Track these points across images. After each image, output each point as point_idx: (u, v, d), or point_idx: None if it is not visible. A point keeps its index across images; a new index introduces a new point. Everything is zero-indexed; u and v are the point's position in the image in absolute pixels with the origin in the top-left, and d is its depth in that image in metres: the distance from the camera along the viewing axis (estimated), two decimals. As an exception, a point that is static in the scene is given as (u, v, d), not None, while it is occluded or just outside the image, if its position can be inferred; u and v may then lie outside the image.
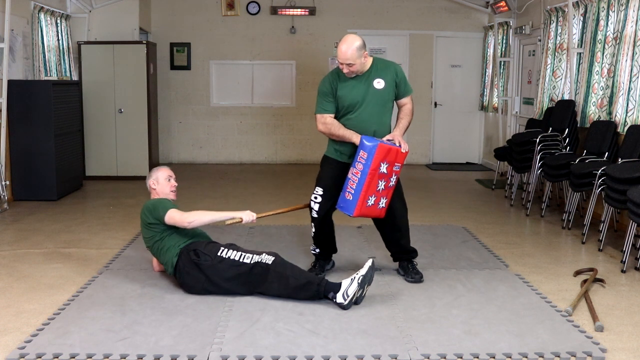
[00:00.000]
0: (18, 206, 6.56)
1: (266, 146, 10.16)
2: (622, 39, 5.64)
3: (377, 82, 3.99)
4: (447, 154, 10.37)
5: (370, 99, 3.99)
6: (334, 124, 4.03)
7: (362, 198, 3.87)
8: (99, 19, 8.77)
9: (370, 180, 3.84)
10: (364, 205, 3.90)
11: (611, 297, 3.93)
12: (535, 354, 3.05)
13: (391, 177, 3.94)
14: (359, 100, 3.98)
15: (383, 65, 4.07)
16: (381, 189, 3.92)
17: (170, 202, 4.04)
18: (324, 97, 4.06)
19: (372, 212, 3.99)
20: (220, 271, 3.76)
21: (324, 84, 4.07)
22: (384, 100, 4.03)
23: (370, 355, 3.02)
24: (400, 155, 3.93)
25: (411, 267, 4.22)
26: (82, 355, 3.00)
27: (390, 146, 3.88)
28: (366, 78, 3.99)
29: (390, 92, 4.04)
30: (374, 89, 3.99)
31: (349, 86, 3.99)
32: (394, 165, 3.90)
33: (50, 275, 4.27)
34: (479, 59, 10.16)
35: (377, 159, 3.81)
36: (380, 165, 3.84)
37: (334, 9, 9.85)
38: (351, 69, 3.91)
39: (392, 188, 4.00)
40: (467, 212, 6.49)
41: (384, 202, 3.99)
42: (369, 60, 4.00)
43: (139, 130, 8.34)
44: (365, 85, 3.99)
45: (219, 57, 9.98)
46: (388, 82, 4.01)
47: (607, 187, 4.89)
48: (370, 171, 3.82)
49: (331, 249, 4.37)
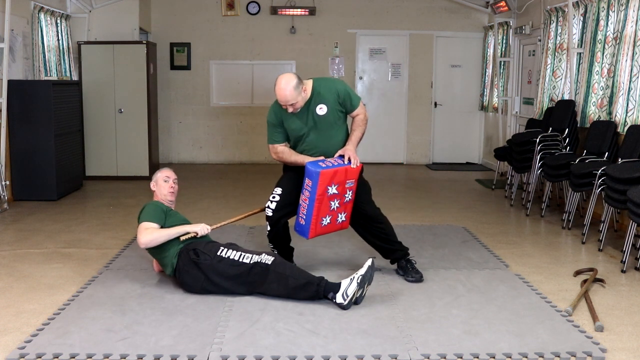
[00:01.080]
0: (18, 206, 6.56)
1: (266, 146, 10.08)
2: (622, 39, 5.64)
3: (319, 108, 4.00)
4: (447, 154, 10.37)
5: (316, 125, 4.02)
6: (284, 151, 4.13)
7: (314, 222, 3.94)
8: (99, 19, 8.77)
9: (319, 205, 3.90)
10: (318, 227, 3.98)
11: (611, 297, 3.93)
12: (535, 354, 3.05)
13: (345, 194, 3.97)
14: (304, 131, 4.03)
15: (324, 88, 4.02)
16: (335, 208, 3.98)
17: (158, 211, 3.98)
18: (273, 128, 4.12)
19: (331, 228, 4.07)
20: (219, 270, 3.76)
21: (270, 116, 4.12)
22: (330, 124, 4.04)
23: (370, 355, 3.02)
24: (351, 172, 3.93)
25: (410, 267, 4.22)
26: (82, 355, 3.00)
27: (336, 169, 3.86)
28: (307, 107, 3.99)
29: (334, 114, 4.04)
30: (317, 116, 4.01)
31: (292, 117, 4.02)
32: (345, 183, 3.92)
33: (50, 275, 4.27)
34: (479, 59, 10.17)
35: (322, 184, 3.84)
36: (328, 189, 3.87)
37: (334, 9, 9.85)
38: (295, 106, 3.93)
39: (350, 202, 4.04)
40: (467, 212, 6.49)
41: (343, 216, 4.07)
42: (308, 90, 3.98)
43: (139, 130, 8.34)
44: (307, 114, 4.01)
45: (219, 57, 9.98)
46: (331, 105, 4.01)
47: (607, 187, 4.89)
48: (318, 197, 3.87)
49: (287, 249, 4.38)
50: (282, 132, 4.10)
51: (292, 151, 4.12)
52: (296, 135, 4.08)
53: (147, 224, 3.88)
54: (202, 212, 6.13)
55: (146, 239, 3.83)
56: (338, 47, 9.97)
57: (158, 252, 3.96)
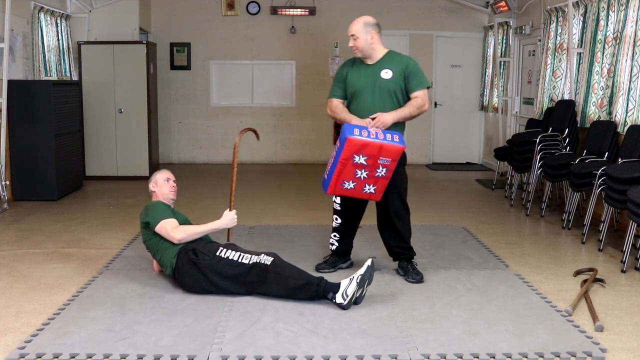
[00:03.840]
0: (18, 206, 6.56)
1: (266, 146, 10.16)
2: (622, 39, 5.64)
3: (384, 72, 4.04)
4: (447, 154, 10.38)
5: (376, 87, 4.03)
6: (337, 107, 4.15)
7: (334, 181, 3.91)
8: (99, 19, 8.77)
9: (341, 168, 3.86)
10: (338, 187, 3.94)
11: (611, 297, 3.93)
12: (535, 354, 3.05)
13: (376, 168, 3.86)
14: (363, 87, 4.05)
15: (396, 57, 4.11)
16: (362, 177, 3.88)
17: (168, 209, 4.03)
18: (336, 82, 4.21)
19: (355, 194, 3.98)
20: (218, 271, 3.76)
21: (338, 70, 4.24)
22: (389, 91, 4.03)
23: (370, 355, 3.02)
24: (387, 151, 3.81)
25: (411, 268, 4.22)
26: (82, 355, 3.00)
27: (368, 141, 3.78)
28: (375, 67, 4.06)
29: (397, 83, 4.03)
30: (380, 79, 4.03)
31: (358, 73, 4.10)
32: (377, 158, 3.83)
33: (50, 275, 4.27)
34: (479, 59, 10.17)
35: (347, 150, 3.79)
36: (354, 156, 3.81)
37: (334, 9, 9.85)
38: (355, 43, 4.02)
39: (384, 179, 3.91)
40: (467, 212, 6.49)
41: (372, 188, 3.94)
42: (380, 49, 4.07)
43: (139, 130, 8.34)
44: (373, 73, 4.05)
45: (219, 57, 9.98)
46: (396, 73, 4.03)
47: (607, 187, 4.89)
48: (341, 160, 3.83)
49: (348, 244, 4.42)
50: (342, 87, 4.15)
51: (344, 108, 4.14)
52: (353, 91, 4.08)
53: (170, 221, 3.90)
54: (202, 212, 6.13)
55: (181, 235, 3.85)
56: (338, 47, 9.97)
57: (157, 252, 3.97)
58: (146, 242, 4.07)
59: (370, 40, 4.02)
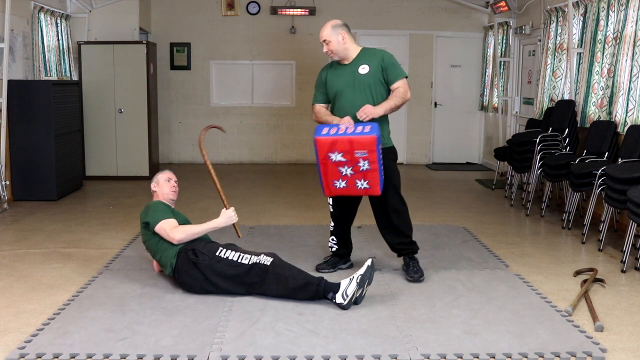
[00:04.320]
0: (18, 206, 6.56)
1: (266, 146, 10.16)
2: (622, 39, 5.64)
3: (361, 67, 4.10)
4: (447, 154, 10.37)
5: (355, 85, 4.08)
6: (320, 111, 4.23)
7: (325, 183, 3.97)
8: (99, 19, 8.77)
9: (325, 169, 3.90)
10: (332, 188, 3.98)
11: (611, 297, 3.93)
12: (535, 354, 3.05)
13: (357, 162, 3.83)
14: (342, 87, 4.10)
15: (371, 52, 4.18)
16: (349, 174, 3.87)
17: (167, 210, 4.03)
18: (317, 88, 4.30)
19: (352, 192, 3.98)
20: (218, 271, 3.76)
21: (317, 76, 4.32)
22: (368, 85, 4.07)
23: (370, 355, 3.02)
24: (359, 143, 3.77)
25: (412, 265, 4.21)
26: (82, 355, 3.00)
27: (336, 137, 3.79)
28: (352, 65, 4.12)
29: (375, 77, 4.07)
30: (358, 75, 4.08)
31: (336, 74, 4.18)
32: (353, 152, 3.80)
33: (50, 275, 4.28)
34: (479, 59, 10.16)
35: (320, 150, 3.85)
36: (329, 155, 3.84)
37: (334, 9, 9.84)
38: (329, 47, 4.11)
39: (371, 171, 3.86)
40: (467, 212, 6.49)
41: (364, 183, 3.89)
42: (353, 47, 4.14)
43: (139, 130, 8.34)
44: (350, 71, 4.11)
45: (219, 57, 9.98)
46: (373, 67, 4.08)
47: (607, 187, 4.89)
48: (320, 161, 3.89)
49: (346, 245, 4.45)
50: (323, 92, 4.24)
51: (326, 111, 4.22)
52: (334, 92, 4.14)
53: (169, 221, 3.91)
54: (202, 212, 6.12)
55: (180, 236, 3.85)
56: (338, 47, 9.96)
57: (157, 252, 3.97)
58: (146, 243, 4.07)
59: (342, 41, 4.08)
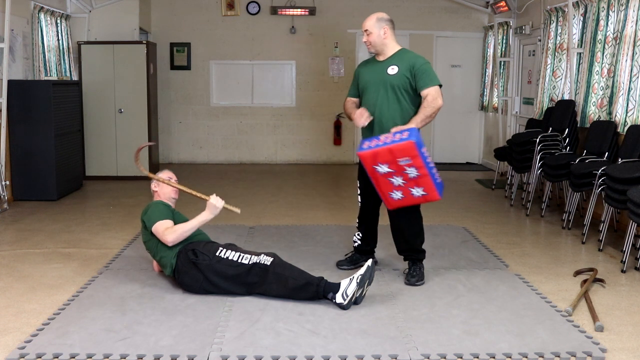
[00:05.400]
0: (18, 206, 6.56)
1: (266, 146, 10.16)
2: (622, 39, 5.64)
3: (391, 68, 4.09)
4: (447, 154, 10.37)
5: (381, 82, 4.08)
6: (347, 104, 4.30)
7: (383, 196, 4.02)
8: (99, 19, 8.77)
9: (377, 182, 3.95)
10: (391, 200, 4.00)
11: (611, 297, 3.93)
12: (535, 354, 3.05)
13: (403, 171, 3.82)
14: (370, 82, 4.14)
15: (406, 55, 4.14)
16: (402, 184, 3.88)
17: (167, 210, 4.02)
18: (353, 80, 4.36)
19: (412, 201, 3.99)
20: (218, 271, 3.75)
21: (355, 69, 4.38)
22: (392, 86, 4.04)
23: (370, 355, 3.02)
24: (398, 151, 3.75)
25: (413, 269, 4.17)
26: (82, 355, 3.00)
27: (376, 150, 3.80)
28: (384, 64, 4.13)
29: (402, 80, 4.03)
30: (386, 74, 4.08)
31: (368, 69, 4.21)
32: (396, 162, 3.78)
33: (50, 275, 4.27)
34: (479, 59, 10.16)
35: (366, 164, 3.90)
36: (375, 168, 3.86)
37: (334, 9, 9.85)
38: (369, 38, 4.10)
39: (422, 177, 3.85)
40: (467, 212, 6.49)
41: (420, 190, 3.90)
42: (392, 45, 4.13)
43: (139, 130, 8.33)
44: (381, 69, 4.12)
45: (219, 57, 9.98)
46: (402, 70, 4.05)
47: (607, 187, 4.89)
48: (370, 175, 3.94)
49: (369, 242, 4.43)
50: (355, 86, 4.30)
51: (352, 105, 4.27)
52: (362, 86, 4.20)
53: (165, 222, 3.90)
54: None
55: (173, 237, 3.84)
56: (338, 47, 9.98)
57: (157, 252, 3.97)
58: (146, 243, 4.07)
59: (383, 35, 4.08)
